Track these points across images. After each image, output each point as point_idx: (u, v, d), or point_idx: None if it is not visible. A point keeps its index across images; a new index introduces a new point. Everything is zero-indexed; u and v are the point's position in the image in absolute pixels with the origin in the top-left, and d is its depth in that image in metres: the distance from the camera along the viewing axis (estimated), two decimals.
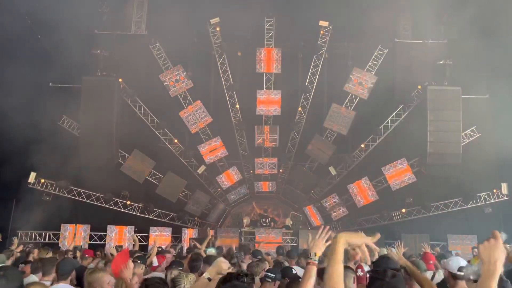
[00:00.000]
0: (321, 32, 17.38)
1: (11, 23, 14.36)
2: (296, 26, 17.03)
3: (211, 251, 8.94)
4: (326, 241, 3.16)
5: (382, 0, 16.22)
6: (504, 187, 16.38)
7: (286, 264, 6.78)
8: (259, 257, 7.34)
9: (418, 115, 16.59)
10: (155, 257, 6.45)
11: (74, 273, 4.85)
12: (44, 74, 15.78)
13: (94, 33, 16.94)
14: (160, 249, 8.49)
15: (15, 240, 8.57)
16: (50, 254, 7.40)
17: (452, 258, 4.69)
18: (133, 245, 9.07)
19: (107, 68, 16.69)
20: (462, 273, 4.39)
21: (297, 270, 5.22)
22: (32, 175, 16.53)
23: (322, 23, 17.25)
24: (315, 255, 3.34)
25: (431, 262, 7.02)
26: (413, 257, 7.98)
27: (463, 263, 4.45)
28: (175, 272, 4.84)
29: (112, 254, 6.59)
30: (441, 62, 16.42)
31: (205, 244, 8.85)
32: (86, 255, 7.89)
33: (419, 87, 16.80)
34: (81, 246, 15.08)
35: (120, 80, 16.87)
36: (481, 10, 12.90)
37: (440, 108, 16.03)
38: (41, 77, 15.66)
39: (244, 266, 6.43)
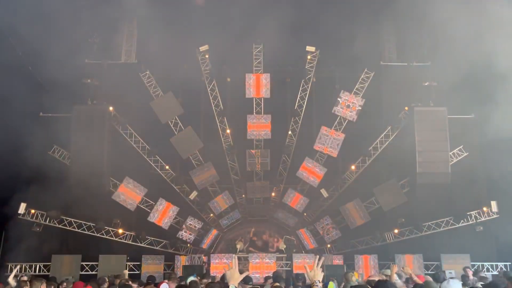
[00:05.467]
0: (308, 57, 17.77)
1: (1, 55, 14.53)
2: (283, 52, 17.39)
3: (190, 277, 9.00)
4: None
5: (367, 25, 16.71)
6: (494, 205, 16.52)
7: None
8: (251, 283, 7.28)
9: (406, 136, 16.84)
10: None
11: None
12: (34, 104, 15.86)
13: (84, 63, 17.13)
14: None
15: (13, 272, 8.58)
16: (44, 285, 7.34)
17: (450, 281, 4.74)
18: None
19: (98, 97, 16.85)
20: None
21: None
22: (22, 206, 16.34)
23: (309, 48, 17.65)
24: (319, 282, 3.76)
25: None
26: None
27: (459, 285, 4.53)
28: None
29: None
30: (426, 84, 16.80)
31: None
32: None
33: (406, 108, 17.13)
34: (71, 277, 14.86)
35: (111, 108, 16.99)
36: (459, 32, 13.32)
37: (427, 128, 16.32)
38: (31, 107, 15.72)
39: None
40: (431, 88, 16.81)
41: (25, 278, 9.31)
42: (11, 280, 7.95)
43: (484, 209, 16.67)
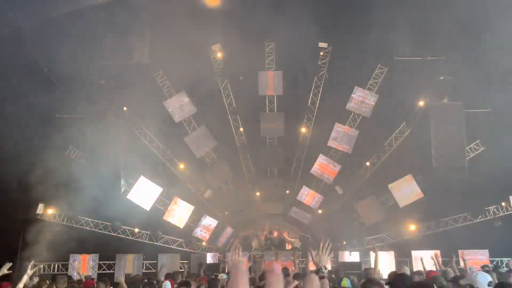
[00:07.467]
0: (321, 53, 17.65)
1: (17, 58, 14.72)
2: (295, 48, 17.28)
3: (223, 276, 8.93)
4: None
5: (379, 19, 16.51)
6: None
7: None
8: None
9: (422, 131, 16.66)
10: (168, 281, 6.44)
11: None
12: (50, 106, 16.01)
13: (98, 64, 17.24)
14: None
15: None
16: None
17: (478, 273, 4.59)
18: None
19: (112, 98, 16.95)
20: None
21: None
22: (40, 206, 16.57)
23: (322, 44, 17.54)
24: (325, 268, 3.47)
25: None
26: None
27: (490, 277, 4.40)
28: None
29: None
30: (441, 78, 16.57)
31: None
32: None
33: (421, 103, 16.93)
34: (90, 275, 15.01)
35: (125, 108, 17.10)
36: (475, 26, 13.11)
37: (442, 123, 16.12)
38: (47, 109, 15.88)
39: None
40: (446, 82, 16.57)
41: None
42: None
43: (503, 204, 16.42)
